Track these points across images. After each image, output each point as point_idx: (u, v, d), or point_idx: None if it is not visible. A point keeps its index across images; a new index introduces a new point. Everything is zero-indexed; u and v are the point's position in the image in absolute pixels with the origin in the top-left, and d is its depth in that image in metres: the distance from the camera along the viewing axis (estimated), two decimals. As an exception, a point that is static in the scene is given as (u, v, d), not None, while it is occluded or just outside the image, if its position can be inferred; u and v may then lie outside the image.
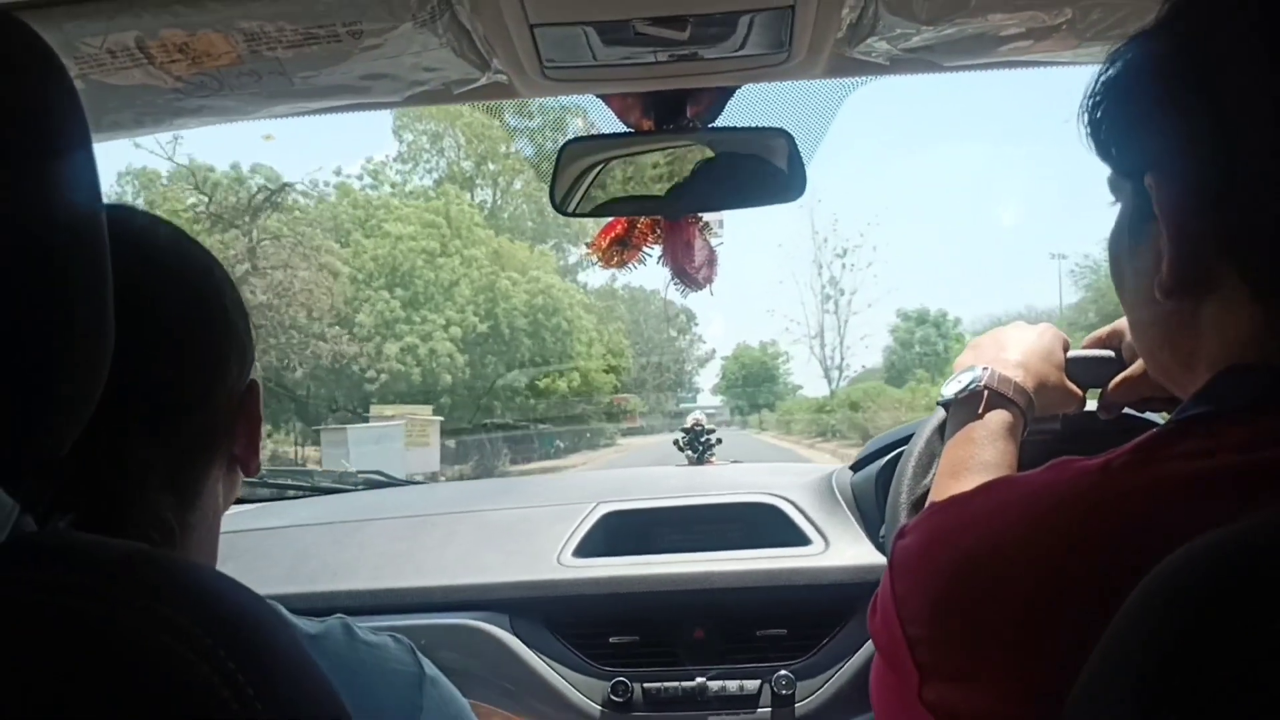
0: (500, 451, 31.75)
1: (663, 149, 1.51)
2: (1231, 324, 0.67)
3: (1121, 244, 0.76)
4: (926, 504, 1.16)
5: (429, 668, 0.89)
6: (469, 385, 33.74)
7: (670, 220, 1.54)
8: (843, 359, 56.31)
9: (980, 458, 1.14)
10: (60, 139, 0.50)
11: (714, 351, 74.25)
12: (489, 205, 46.19)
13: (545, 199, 1.48)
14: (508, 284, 35.41)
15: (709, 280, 1.56)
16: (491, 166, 45.78)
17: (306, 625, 0.79)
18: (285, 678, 0.52)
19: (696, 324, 70.73)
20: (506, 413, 34.85)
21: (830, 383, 54.97)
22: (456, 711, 0.91)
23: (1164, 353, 0.76)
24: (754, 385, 69.35)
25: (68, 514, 0.62)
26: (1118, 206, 0.77)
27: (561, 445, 37.28)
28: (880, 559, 1.71)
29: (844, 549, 1.78)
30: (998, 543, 0.66)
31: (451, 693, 0.91)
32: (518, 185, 46.81)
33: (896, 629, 0.72)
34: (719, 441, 3.79)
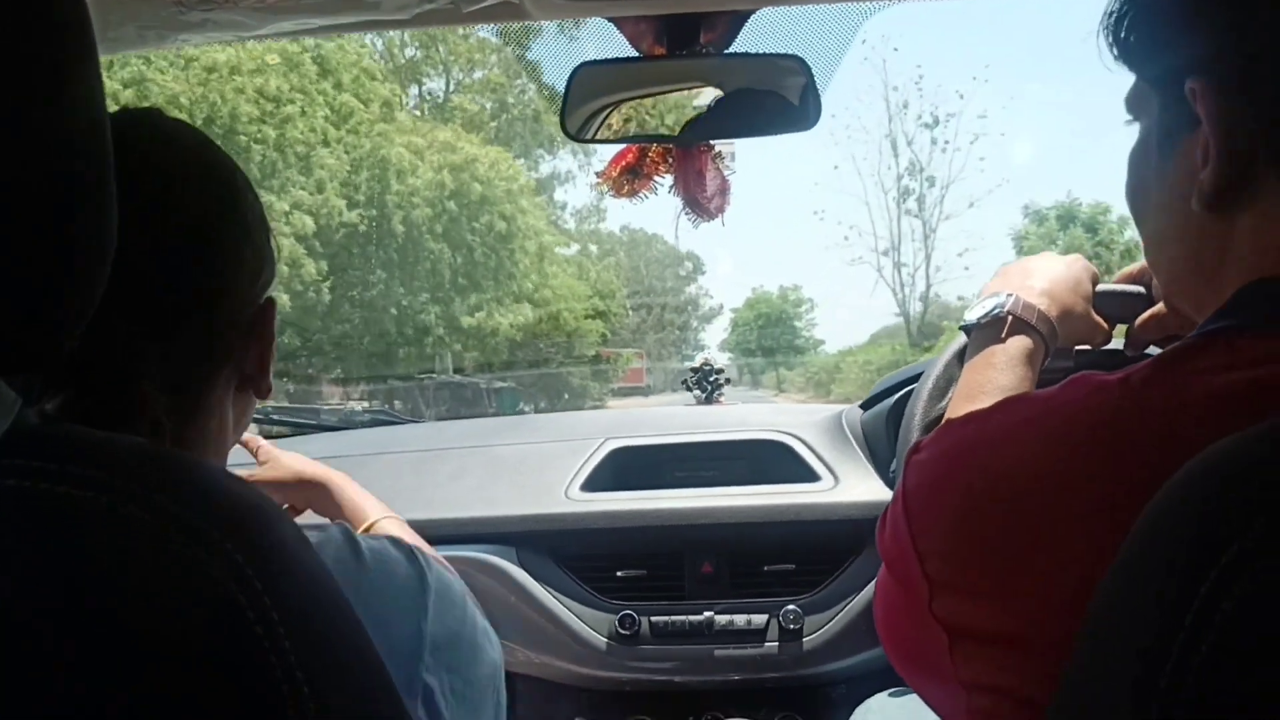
0: (422, 409, 21.47)
1: (675, 75, 1.48)
2: (1267, 236, 0.66)
3: (1148, 161, 0.74)
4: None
5: (431, 573, 0.88)
6: (328, 309, 22.39)
7: (682, 148, 1.51)
8: (929, 285, 37.87)
9: (998, 382, 1.13)
10: (68, 48, 0.49)
11: (721, 306, 65.98)
12: (439, 96, 34.81)
13: (510, 96, 1.44)
14: (408, 158, 23.18)
15: (721, 210, 1.54)
16: (442, 50, 33.17)
17: (309, 528, 0.78)
18: (293, 575, 0.51)
19: (703, 272, 63.83)
20: (423, 359, 24.97)
21: (908, 321, 38.18)
22: (460, 616, 0.90)
23: (1188, 270, 0.74)
24: (771, 338, 56.73)
25: (56, 397, 0.61)
26: (1135, 127, 0.76)
27: (528, 409, 25.58)
28: (890, 495, 1.70)
29: (853, 485, 1.77)
30: (1015, 460, 0.65)
31: (452, 596, 0.90)
32: (478, 75, 35.05)
33: (907, 543, 0.71)
34: (727, 381, 3.77)
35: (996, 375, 1.14)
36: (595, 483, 1.85)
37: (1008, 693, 0.64)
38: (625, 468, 1.91)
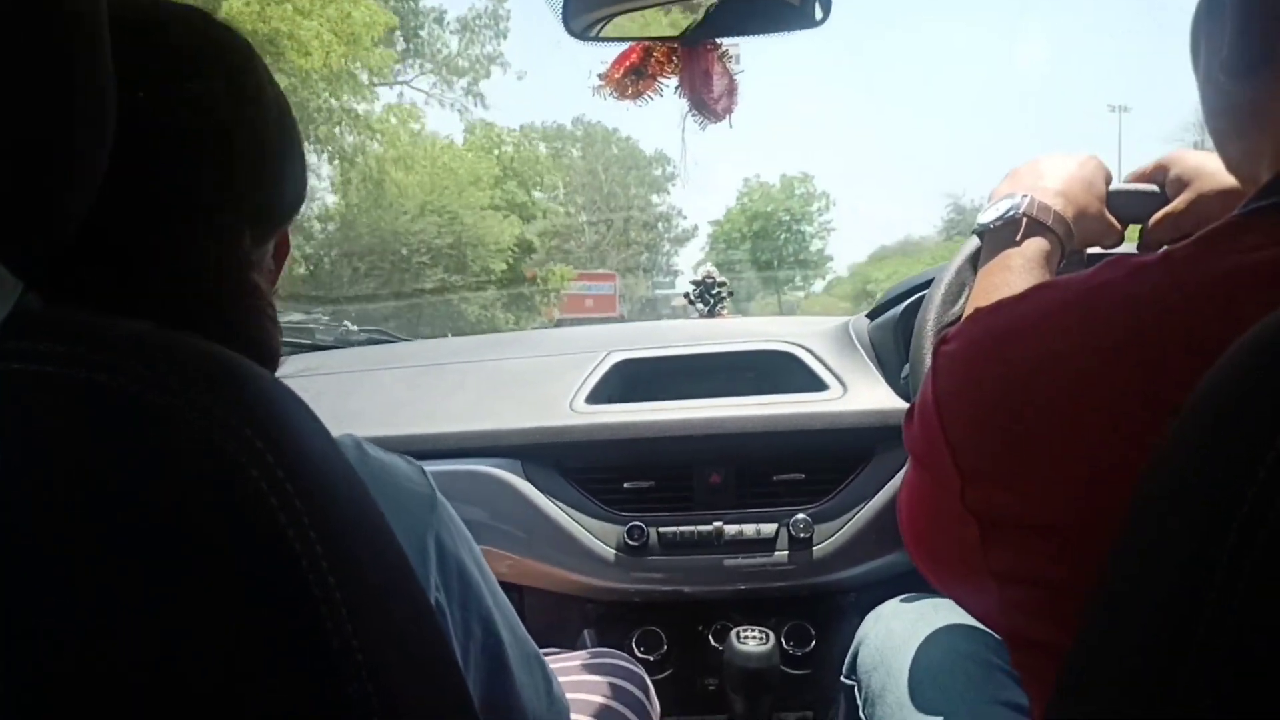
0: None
1: (680, -30, 1.42)
2: None
3: (1200, 20, 0.71)
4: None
5: (440, 495, 0.86)
6: None
7: (688, 48, 1.46)
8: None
9: (1015, 284, 1.10)
10: None
11: (695, 228, 53.71)
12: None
13: None
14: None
15: (729, 111, 1.49)
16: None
17: None
18: (312, 460, 0.49)
19: (674, 184, 49.96)
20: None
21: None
22: (466, 536, 0.88)
23: (1232, 145, 0.72)
24: (769, 250, 45.16)
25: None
26: None
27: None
28: (899, 403, 1.69)
29: (862, 393, 1.75)
30: (1052, 344, 0.63)
31: (457, 518, 0.88)
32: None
33: (938, 435, 0.69)
34: (731, 294, 3.74)
35: (1013, 278, 1.12)
36: (600, 395, 1.83)
37: (1041, 582, 0.63)
38: (630, 380, 1.89)
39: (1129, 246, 1.26)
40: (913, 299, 1.72)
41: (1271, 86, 0.64)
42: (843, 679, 1.31)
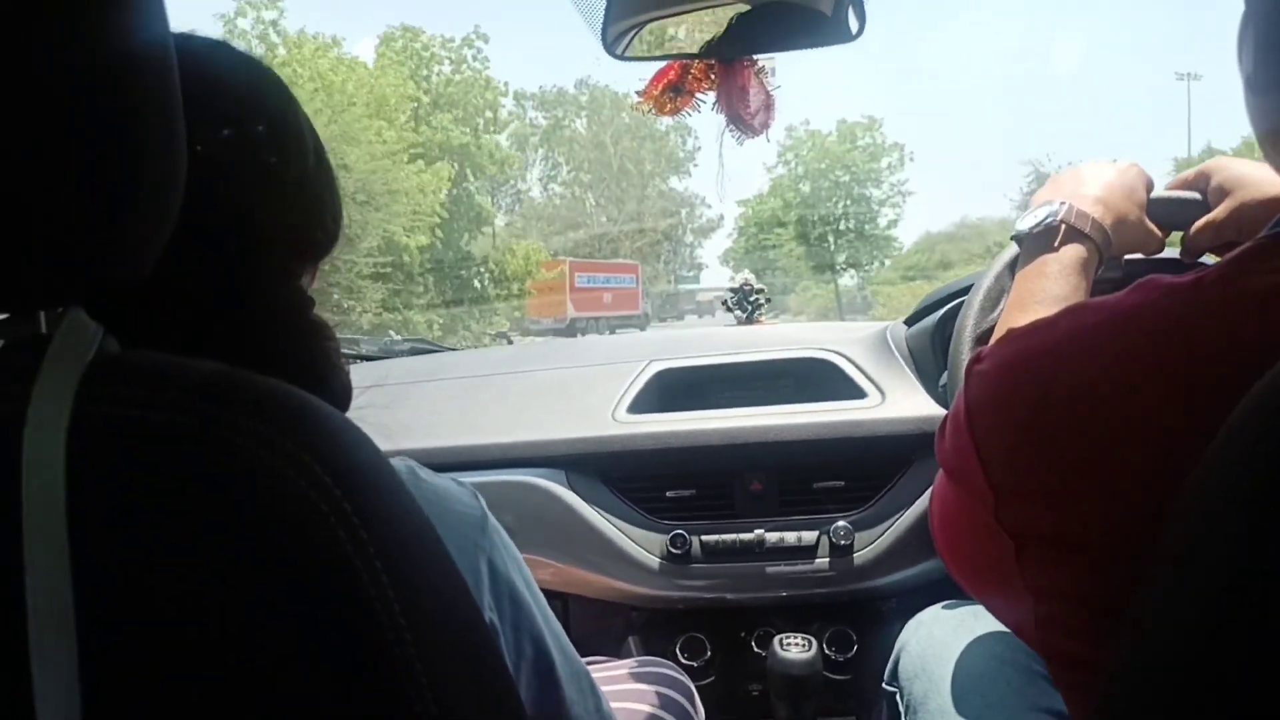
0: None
1: (717, -12, 1.44)
2: None
3: (1239, 38, 0.72)
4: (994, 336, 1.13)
5: (492, 517, 0.88)
6: None
7: (724, 64, 1.49)
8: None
9: (1051, 291, 1.11)
10: None
11: (721, 218, 46.69)
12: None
13: None
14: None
15: (766, 126, 1.51)
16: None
17: None
18: (379, 494, 0.52)
19: (696, 164, 43.44)
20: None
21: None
22: (517, 557, 0.90)
23: (1273, 153, 0.72)
24: (820, 224, 33.57)
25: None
26: None
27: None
28: (938, 410, 1.70)
29: (900, 401, 1.76)
30: (1084, 367, 0.64)
31: (509, 539, 0.90)
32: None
33: (970, 452, 0.70)
34: (768, 301, 3.74)
35: (1050, 284, 1.12)
36: (641, 404, 1.85)
37: (1075, 597, 0.64)
38: (671, 389, 1.91)
39: (1171, 252, 1.27)
40: (950, 306, 1.73)
41: None
42: (884, 685, 1.33)
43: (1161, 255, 1.26)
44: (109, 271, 0.52)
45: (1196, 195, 1.23)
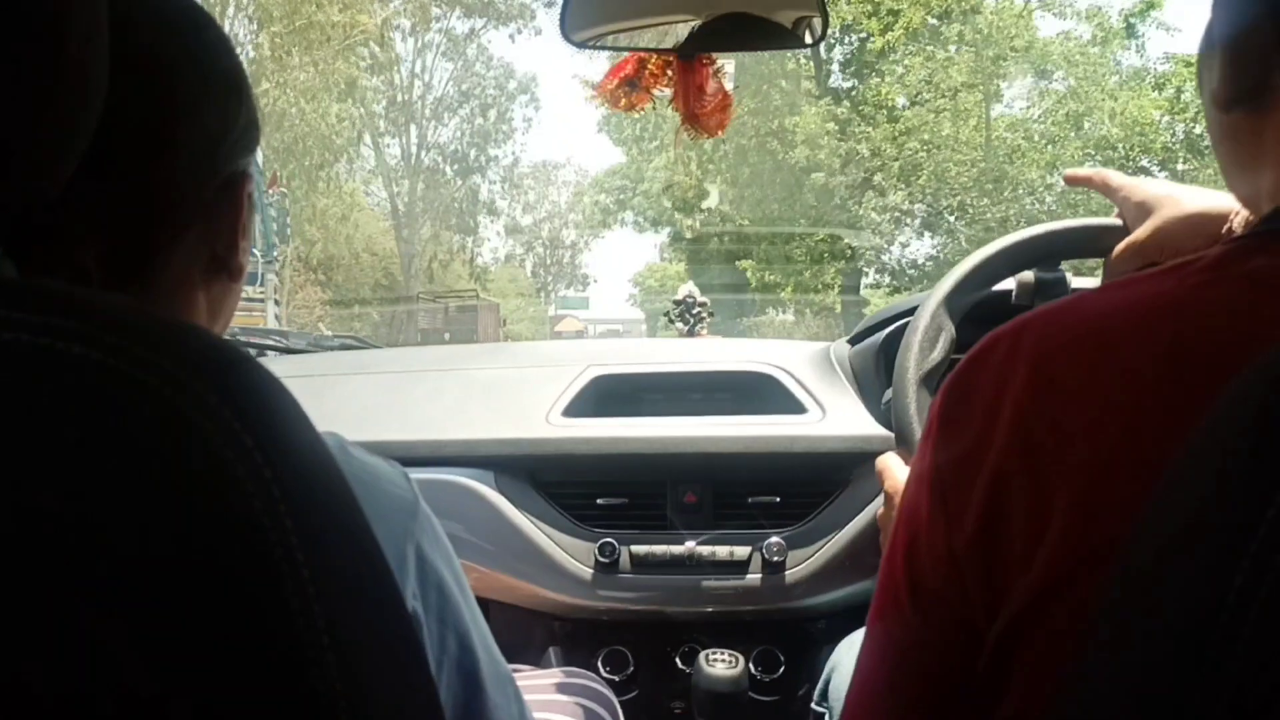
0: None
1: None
2: None
3: (1200, 54, 0.71)
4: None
5: (424, 503, 0.83)
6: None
7: (683, 61, 1.46)
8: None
9: None
10: None
11: (587, 275, 41.25)
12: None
13: None
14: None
15: (721, 126, 1.48)
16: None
17: None
18: (295, 450, 0.47)
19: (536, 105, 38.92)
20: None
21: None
22: (446, 547, 0.85)
23: (1232, 169, 0.71)
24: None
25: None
26: None
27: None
28: (879, 429, 1.67)
29: (841, 418, 1.74)
30: (1061, 390, 0.61)
31: (439, 527, 0.85)
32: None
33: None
34: (711, 315, 3.73)
35: None
36: (577, 409, 1.81)
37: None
38: (608, 395, 1.87)
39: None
40: (894, 326, 1.71)
41: (1258, 121, 0.65)
42: (814, 706, 1.30)
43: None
44: (19, 184, 0.47)
45: (1117, 221, 1.23)
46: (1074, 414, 0.59)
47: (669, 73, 1.48)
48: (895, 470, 1.18)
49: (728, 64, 1.51)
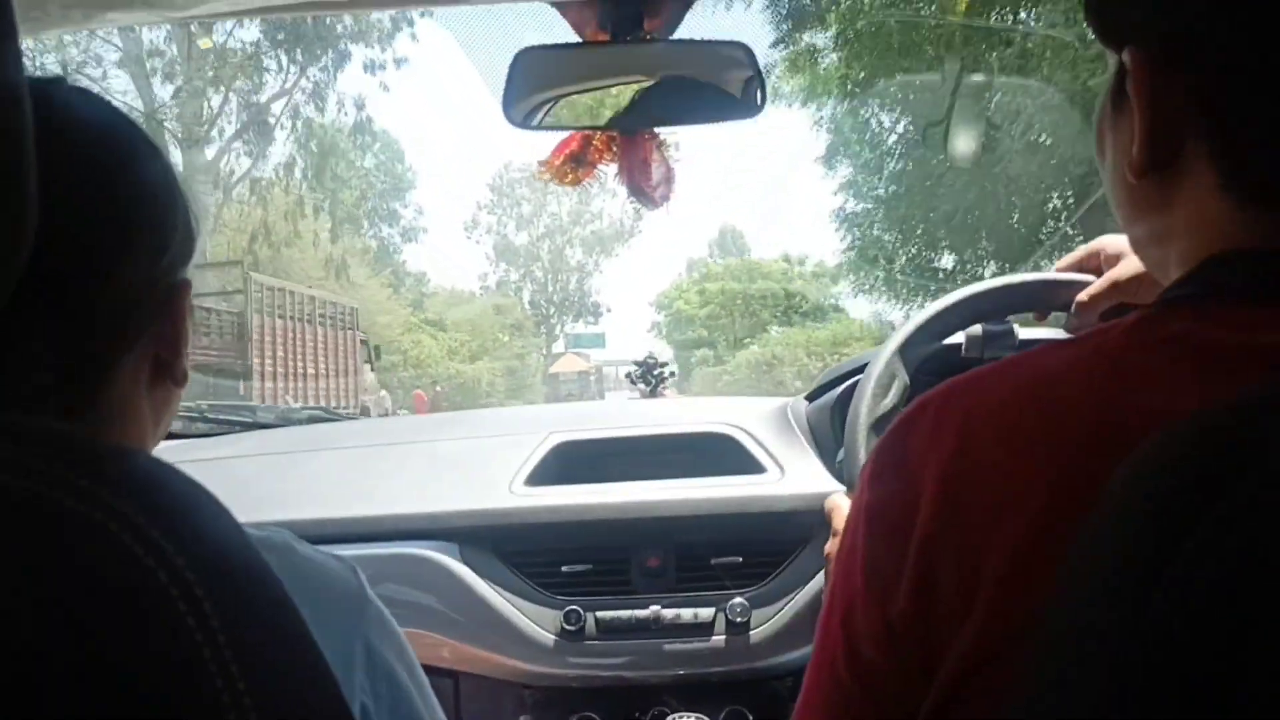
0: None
1: (619, 62, 1.46)
2: (1200, 212, 0.65)
3: (1105, 116, 0.73)
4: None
5: (370, 590, 0.85)
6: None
7: (626, 136, 1.50)
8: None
9: None
10: None
11: (599, 304, 36.87)
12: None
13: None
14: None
15: (666, 198, 1.53)
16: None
17: (249, 530, 0.74)
18: (226, 566, 0.48)
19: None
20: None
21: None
22: (397, 638, 0.87)
23: (1140, 236, 0.74)
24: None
25: None
26: None
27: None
28: (837, 486, 1.70)
29: (800, 477, 1.76)
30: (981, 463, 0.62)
31: (390, 619, 0.87)
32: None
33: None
34: (673, 375, 3.75)
35: None
36: (539, 477, 1.82)
37: None
38: (570, 462, 1.88)
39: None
40: (850, 382, 1.74)
41: (1176, 183, 0.66)
42: None
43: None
44: None
45: (1090, 277, 1.26)
46: (999, 486, 0.60)
47: (614, 148, 1.52)
48: (843, 509, 1.20)
49: (672, 137, 1.55)
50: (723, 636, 1.66)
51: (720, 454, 1.87)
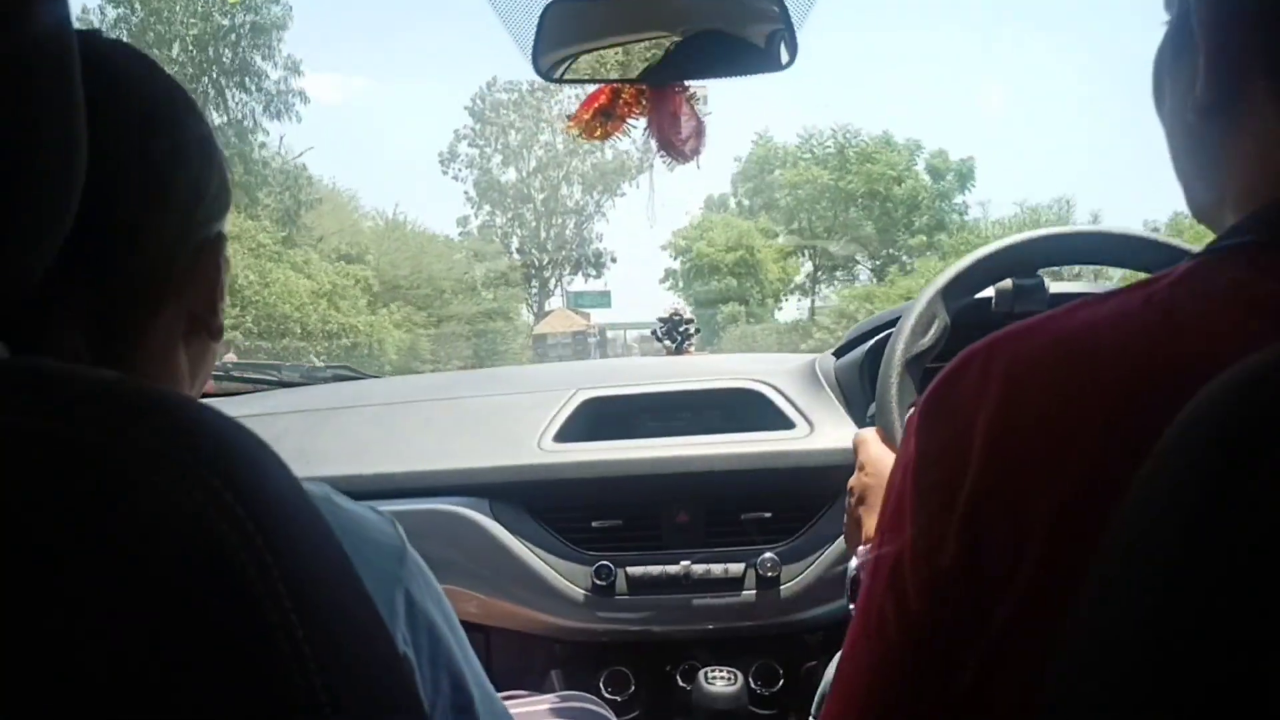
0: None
1: (648, 15, 1.44)
2: (1261, 154, 0.63)
3: (1164, 61, 0.71)
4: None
5: (411, 548, 0.85)
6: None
7: (656, 89, 1.48)
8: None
9: None
10: None
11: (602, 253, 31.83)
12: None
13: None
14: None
15: (696, 152, 1.51)
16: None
17: None
18: (291, 523, 0.48)
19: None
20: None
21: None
22: (436, 590, 0.87)
23: (1196, 180, 0.72)
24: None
25: None
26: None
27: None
28: None
29: (828, 432, 1.76)
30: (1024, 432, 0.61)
31: (428, 571, 0.87)
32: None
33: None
34: (698, 331, 3.74)
35: None
36: (567, 433, 1.83)
37: None
38: (597, 418, 1.89)
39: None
40: (879, 337, 1.73)
41: (1239, 123, 0.64)
42: (812, 717, 1.31)
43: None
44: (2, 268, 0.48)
45: (1133, 230, 1.27)
46: (1047, 438, 0.59)
47: (643, 101, 1.50)
48: (870, 444, 1.20)
49: (702, 90, 1.53)
50: (753, 591, 1.67)
51: (749, 410, 1.86)
